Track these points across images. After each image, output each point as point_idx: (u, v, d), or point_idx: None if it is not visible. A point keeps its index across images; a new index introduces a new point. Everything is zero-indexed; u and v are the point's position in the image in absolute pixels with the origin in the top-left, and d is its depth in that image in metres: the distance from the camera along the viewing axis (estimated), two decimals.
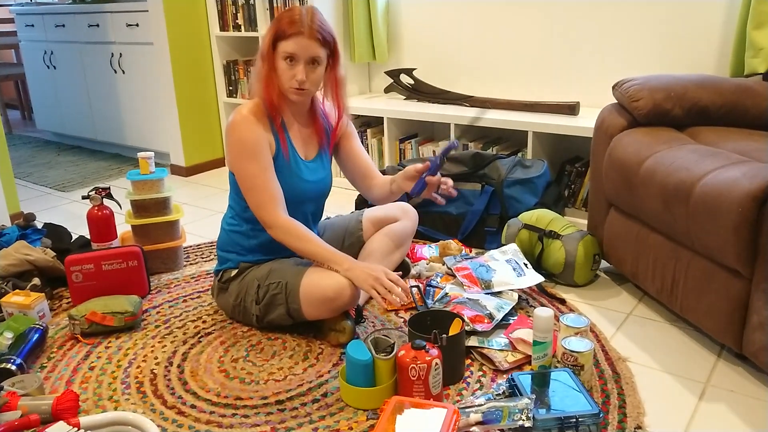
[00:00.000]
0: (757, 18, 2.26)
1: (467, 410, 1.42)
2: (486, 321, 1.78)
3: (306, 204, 1.91)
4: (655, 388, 1.61)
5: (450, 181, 1.81)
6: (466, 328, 1.74)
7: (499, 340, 1.75)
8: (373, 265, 1.75)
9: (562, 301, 2.04)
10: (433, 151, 3.09)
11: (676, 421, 1.49)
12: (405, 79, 3.31)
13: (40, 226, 2.56)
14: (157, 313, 2.06)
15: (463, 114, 2.90)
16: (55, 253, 2.25)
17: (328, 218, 2.18)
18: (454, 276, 2.09)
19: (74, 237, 2.54)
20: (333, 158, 2.00)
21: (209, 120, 3.73)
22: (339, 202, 2.91)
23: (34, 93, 4.73)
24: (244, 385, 1.66)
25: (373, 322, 1.94)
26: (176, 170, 3.71)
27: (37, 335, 1.81)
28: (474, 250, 2.41)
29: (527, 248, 2.20)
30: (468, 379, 1.65)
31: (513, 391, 1.52)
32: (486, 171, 2.50)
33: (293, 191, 1.84)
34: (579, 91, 2.91)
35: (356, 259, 2.03)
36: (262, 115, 1.78)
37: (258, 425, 1.50)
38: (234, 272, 1.89)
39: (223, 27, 3.55)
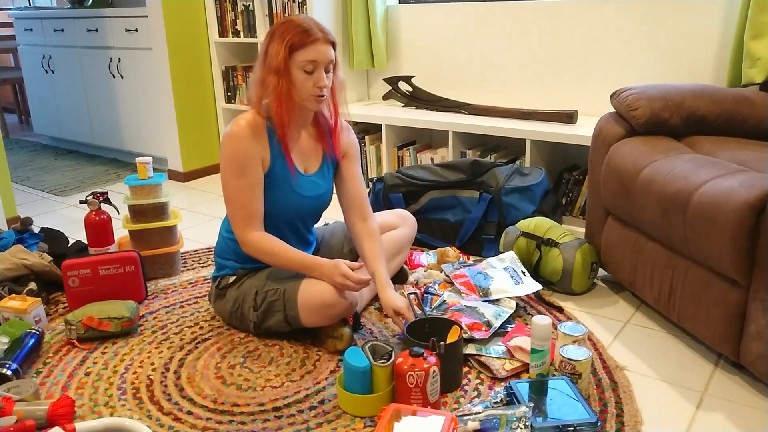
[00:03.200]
0: (755, 28, 2.28)
1: (465, 418, 1.42)
2: (484, 329, 1.78)
3: (300, 219, 1.91)
4: (653, 396, 1.61)
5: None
6: (464, 335, 1.74)
7: (497, 347, 1.75)
8: (332, 263, 1.73)
9: (560, 309, 2.05)
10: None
11: (674, 429, 1.49)
12: (403, 86, 3.32)
13: (37, 230, 2.55)
14: (154, 318, 2.05)
15: (462, 122, 2.91)
16: (51, 258, 2.25)
17: (326, 224, 2.18)
18: (451, 283, 2.09)
19: (71, 242, 2.53)
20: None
21: (207, 126, 3.73)
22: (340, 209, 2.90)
23: (32, 97, 4.72)
24: (240, 392, 1.65)
25: (370, 329, 1.94)
26: (174, 175, 3.71)
27: (33, 340, 1.80)
28: (472, 258, 2.41)
29: (525, 256, 2.21)
30: (466, 387, 1.65)
31: (511, 399, 1.52)
32: (484, 178, 2.51)
33: (288, 206, 1.83)
34: (577, 99, 2.92)
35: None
36: (260, 129, 1.76)
37: None
38: (232, 279, 1.89)
39: (222, 33, 3.55)
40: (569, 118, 2.74)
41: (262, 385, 1.68)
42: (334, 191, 1.97)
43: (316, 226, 2.07)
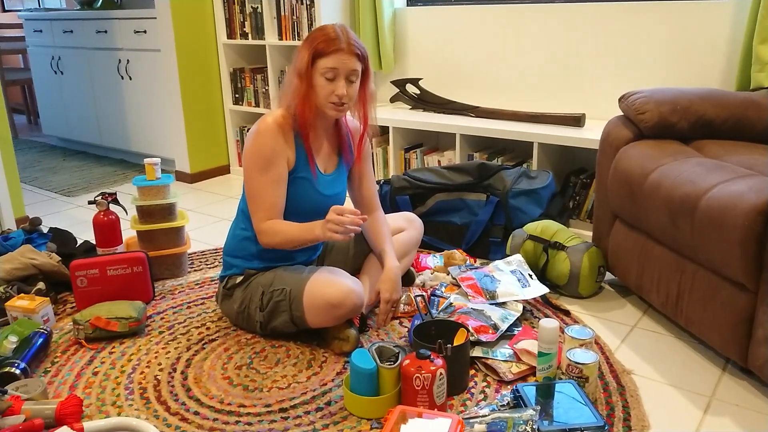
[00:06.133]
0: (763, 33, 2.27)
1: (471, 421, 1.41)
2: (491, 331, 1.78)
3: (316, 218, 1.91)
4: (660, 401, 1.61)
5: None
6: (471, 338, 1.74)
7: (504, 350, 1.75)
8: (321, 221, 1.71)
9: (567, 313, 2.04)
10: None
11: None
12: (411, 88, 3.33)
13: (45, 230, 2.57)
14: (161, 319, 2.06)
15: (469, 124, 2.91)
16: (60, 258, 2.26)
17: None
18: (458, 286, 2.09)
19: (79, 242, 2.55)
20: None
21: (215, 127, 3.74)
22: None
23: (40, 98, 4.75)
24: (247, 393, 1.66)
25: (377, 331, 1.94)
26: (181, 177, 3.72)
27: (41, 339, 1.81)
28: (478, 261, 2.41)
29: (532, 259, 2.20)
30: (472, 390, 1.65)
31: (517, 402, 1.52)
32: (491, 181, 2.50)
33: (310, 204, 1.85)
34: (585, 102, 2.92)
35: (361, 269, 2.03)
36: (287, 127, 1.79)
37: None
38: (239, 279, 1.90)
39: (231, 35, 3.56)
40: (577, 121, 2.74)
41: (269, 386, 1.68)
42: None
43: None
